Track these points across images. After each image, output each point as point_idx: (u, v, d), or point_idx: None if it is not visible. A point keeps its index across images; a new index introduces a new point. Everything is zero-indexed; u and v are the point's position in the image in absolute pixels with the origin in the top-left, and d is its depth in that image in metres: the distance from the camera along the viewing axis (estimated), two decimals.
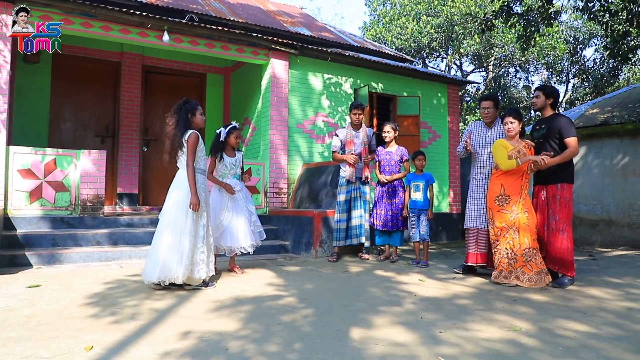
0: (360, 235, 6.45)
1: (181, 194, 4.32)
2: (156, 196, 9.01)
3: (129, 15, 6.77)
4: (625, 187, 8.77)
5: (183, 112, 4.40)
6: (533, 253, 4.72)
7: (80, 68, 8.50)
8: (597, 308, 3.85)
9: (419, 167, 6.24)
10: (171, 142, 4.35)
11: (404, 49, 21.34)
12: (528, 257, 4.71)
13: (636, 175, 8.65)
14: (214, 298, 4.03)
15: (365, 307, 3.81)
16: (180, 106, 4.44)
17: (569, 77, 23.71)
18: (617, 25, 10.13)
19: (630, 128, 8.75)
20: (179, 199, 4.31)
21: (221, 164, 5.17)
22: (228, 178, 5.20)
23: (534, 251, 4.72)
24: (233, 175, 5.26)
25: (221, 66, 9.86)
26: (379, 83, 9.43)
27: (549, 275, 4.73)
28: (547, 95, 5.11)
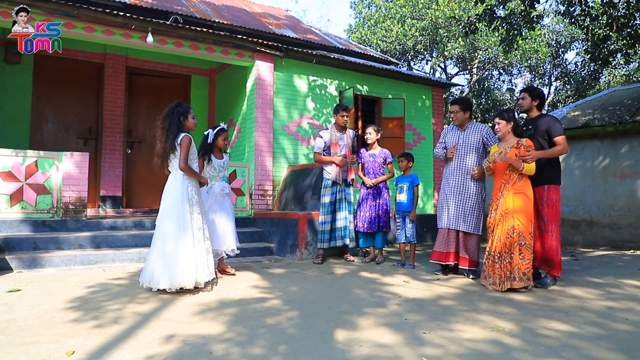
0: (345, 237, 6.45)
1: (170, 202, 4.32)
2: (140, 199, 8.93)
3: (112, 16, 6.71)
4: (606, 188, 8.90)
5: (175, 115, 4.39)
6: (500, 257, 4.60)
7: (62, 69, 8.40)
8: (579, 308, 3.90)
9: (402, 168, 6.27)
10: (163, 146, 4.34)
11: (389, 51, 21.43)
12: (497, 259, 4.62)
13: (616, 177, 8.79)
14: (198, 301, 4.00)
15: (350, 308, 3.81)
16: (172, 109, 4.43)
17: (551, 79, 24.02)
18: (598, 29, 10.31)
19: (610, 130, 8.89)
20: (169, 207, 4.31)
21: (209, 166, 5.15)
22: (217, 180, 5.19)
23: (502, 255, 4.60)
24: (222, 177, 5.26)
25: (206, 68, 9.81)
26: (364, 85, 9.45)
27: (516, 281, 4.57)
28: (533, 97, 5.16)
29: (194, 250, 4.26)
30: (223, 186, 5.19)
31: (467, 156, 5.39)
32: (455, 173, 5.42)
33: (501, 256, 4.61)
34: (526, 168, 4.66)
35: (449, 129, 5.68)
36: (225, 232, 5.10)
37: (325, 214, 6.41)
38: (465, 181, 5.37)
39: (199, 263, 4.29)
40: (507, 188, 4.71)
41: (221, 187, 5.16)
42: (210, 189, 5.11)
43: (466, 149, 5.39)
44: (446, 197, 5.44)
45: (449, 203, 5.40)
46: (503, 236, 4.63)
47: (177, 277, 4.15)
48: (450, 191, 5.42)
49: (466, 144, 5.40)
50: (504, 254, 4.60)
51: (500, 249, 4.62)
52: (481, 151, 5.44)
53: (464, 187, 5.37)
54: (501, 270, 4.59)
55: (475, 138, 5.40)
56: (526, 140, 4.80)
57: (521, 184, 4.69)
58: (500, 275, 4.59)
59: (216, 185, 5.18)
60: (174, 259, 4.16)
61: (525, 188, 4.70)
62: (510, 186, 4.70)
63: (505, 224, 4.64)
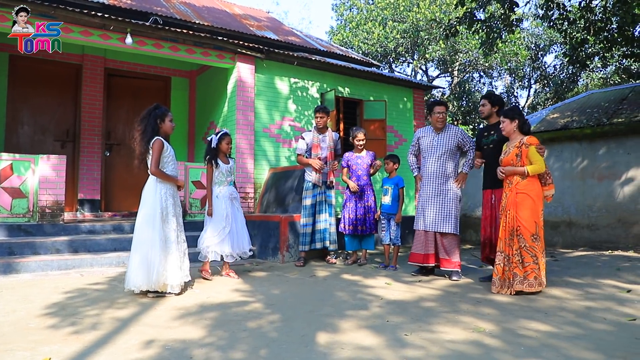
0: (326, 240, 6.45)
1: (144, 206, 4.36)
2: (119, 202, 8.82)
3: (90, 17, 6.63)
4: (584, 189, 9.04)
5: (152, 118, 4.40)
6: (509, 259, 4.57)
7: (39, 70, 8.27)
8: (558, 308, 3.95)
9: (388, 170, 6.30)
10: (139, 148, 4.37)
11: (371, 53, 21.54)
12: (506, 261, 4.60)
13: (594, 178, 8.94)
14: (178, 305, 3.97)
15: (331, 311, 3.81)
16: (150, 111, 4.44)
17: (530, 82, 24.38)
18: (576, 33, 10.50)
19: (588, 132, 9.04)
20: (143, 211, 4.35)
21: (217, 171, 5.25)
22: (225, 185, 5.28)
23: (510, 257, 4.57)
24: (229, 182, 5.34)
25: (186, 69, 9.75)
26: (345, 87, 9.48)
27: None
28: (493, 104, 5.36)
29: (166, 253, 4.27)
30: (231, 191, 5.31)
31: (444, 159, 5.45)
32: (433, 176, 5.48)
33: (509, 259, 4.55)
34: (532, 169, 4.55)
35: (422, 132, 5.72)
36: (236, 235, 5.23)
37: (306, 217, 6.41)
38: (444, 184, 5.43)
39: (173, 266, 4.29)
40: (511, 188, 4.63)
41: (230, 192, 5.28)
42: (219, 194, 5.23)
43: (443, 152, 5.45)
44: (426, 200, 5.49)
45: (429, 206, 5.45)
46: (508, 238, 4.59)
47: (152, 279, 4.17)
48: (429, 194, 5.47)
49: (443, 147, 5.46)
50: (511, 256, 4.54)
51: (508, 251, 4.57)
52: (457, 154, 5.55)
53: (444, 190, 5.43)
54: (510, 274, 4.53)
55: (451, 141, 5.47)
56: (528, 138, 4.67)
57: (524, 184, 4.57)
58: (509, 278, 4.53)
59: (225, 190, 5.27)
60: (148, 262, 4.18)
61: (530, 188, 4.57)
62: (514, 186, 4.62)
63: (508, 226, 4.60)
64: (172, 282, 4.28)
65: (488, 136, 5.23)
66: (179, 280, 4.32)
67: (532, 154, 4.60)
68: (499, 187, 5.00)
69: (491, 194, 5.16)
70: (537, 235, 4.53)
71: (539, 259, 4.51)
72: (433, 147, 5.51)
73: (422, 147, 5.65)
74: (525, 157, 4.61)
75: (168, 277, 4.25)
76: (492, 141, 5.14)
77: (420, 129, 5.82)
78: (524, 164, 4.61)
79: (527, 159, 4.61)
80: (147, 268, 4.18)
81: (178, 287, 4.34)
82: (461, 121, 23.33)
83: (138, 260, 4.20)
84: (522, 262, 4.49)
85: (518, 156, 4.64)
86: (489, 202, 5.19)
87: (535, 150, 4.61)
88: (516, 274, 4.48)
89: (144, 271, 4.17)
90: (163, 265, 4.23)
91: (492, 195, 5.14)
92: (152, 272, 4.18)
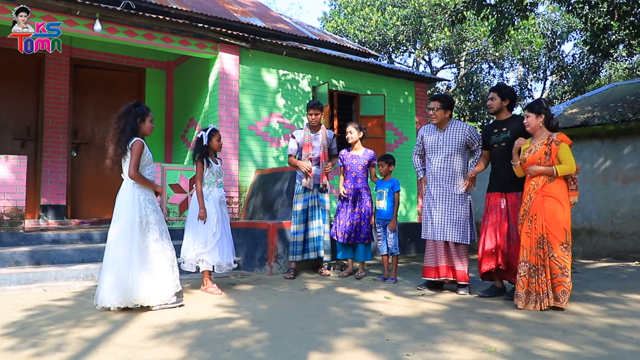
0: (319, 249, 6.46)
1: (120, 213, 4.39)
2: (87, 208, 8.78)
3: (53, 0, 6.60)
4: (607, 193, 9.08)
5: (132, 116, 4.45)
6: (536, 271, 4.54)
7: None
8: (578, 325, 3.96)
9: (383, 172, 6.31)
10: (114, 148, 4.39)
11: (368, 42, 21.61)
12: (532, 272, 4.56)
13: (618, 180, 8.96)
14: (154, 323, 3.95)
15: (325, 328, 3.81)
16: (129, 109, 4.48)
17: (546, 74, 24.48)
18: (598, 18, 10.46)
19: (611, 129, 9.06)
20: (119, 219, 4.38)
21: (208, 170, 5.30)
22: (215, 186, 5.33)
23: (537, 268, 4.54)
24: (219, 184, 5.39)
25: (163, 60, 9.74)
26: (340, 80, 9.50)
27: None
28: (503, 97, 5.29)
29: (146, 268, 4.30)
30: (221, 194, 5.37)
31: (450, 158, 5.45)
32: (439, 178, 5.47)
33: (537, 270, 4.52)
34: (561, 169, 4.54)
35: (425, 130, 5.72)
36: (226, 244, 5.28)
37: (297, 223, 6.42)
38: (451, 186, 5.42)
39: (159, 279, 4.33)
40: (537, 191, 4.61)
41: (220, 194, 5.33)
42: (209, 196, 5.25)
43: (449, 151, 5.45)
44: (432, 205, 5.50)
45: (434, 211, 5.46)
46: (535, 246, 4.55)
47: (132, 294, 4.20)
48: (435, 198, 5.47)
49: (448, 146, 5.46)
50: (539, 267, 4.51)
51: (534, 261, 4.53)
52: (465, 153, 5.53)
53: (451, 193, 5.42)
54: (538, 287, 4.49)
55: (457, 139, 5.45)
56: (558, 134, 4.67)
57: (552, 186, 4.57)
58: (538, 292, 4.49)
59: (215, 192, 5.31)
60: (124, 284, 4.22)
61: (558, 191, 4.57)
62: (540, 188, 4.60)
63: (534, 233, 4.57)
64: (161, 296, 4.34)
65: (499, 133, 5.20)
66: (168, 293, 4.38)
67: (564, 152, 4.59)
68: (514, 191, 4.99)
69: (500, 198, 5.14)
70: (566, 244, 4.53)
71: (568, 270, 4.50)
72: (438, 146, 5.51)
73: (426, 147, 5.66)
74: (555, 155, 4.60)
75: (152, 293, 4.29)
76: (504, 139, 5.12)
77: (424, 126, 5.82)
78: (553, 163, 4.60)
79: (557, 158, 4.60)
80: (123, 289, 4.22)
81: (172, 298, 4.42)
82: (469, 117, 23.41)
83: (112, 280, 4.22)
84: (550, 273, 4.49)
85: (547, 154, 4.61)
86: (497, 206, 5.13)
87: (567, 149, 4.61)
88: (544, 287, 4.48)
89: (119, 291, 4.20)
90: (141, 283, 4.25)
91: (503, 200, 5.13)
92: (129, 293, 4.22)
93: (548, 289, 4.47)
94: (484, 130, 5.55)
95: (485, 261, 5.12)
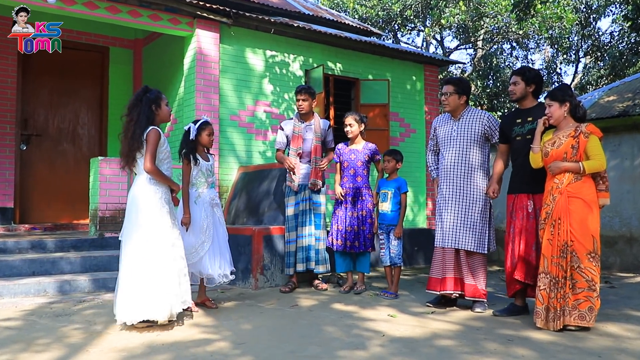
0: (310, 260, 6.46)
1: (137, 214, 4.50)
2: (40, 211, 8.75)
3: None
4: None
5: (145, 104, 4.57)
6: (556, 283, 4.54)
7: None
8: (616, 350, 3.97)
9: (388, 170, 6.30)
10: (128, 142, 4.50)
11: (370, 19, 21.62)
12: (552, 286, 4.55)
13: None
14: (118, 346, 3.94)
15: (319, 352, 3.81)
16: (139, 97, 4.61)
17: (579, 55, 24.46)
18: None
19: None
20: (136, 220, 4.48)
21: (196, 169, 5.33)
22: (205, 187, 5.38)
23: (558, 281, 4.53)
24: (210, 184, 5.43)
25: (130, 38, 9.72)
26: (337, 63, 9.50)
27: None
28: (528, 81, 5.25)
29: (166, 273, 4.43)
30: (213, 195, 5.40)
31: (466, 151, 5.43)
32: (452, 174, 5.46)
33: (557, 282, 4.50)
34: (589, 166, 4.53)
35: (440, 120, 5.75)
36: (219, 253, 5.31)
37: (289, 230, 6.44)
38: (467, 185, 5.41)
39: (173, 290, 4.44)
40: (561, 190, 4.59)
41: (211, 196, 5.37)
42: (198, 199, 5.29)
43: (465, 143, 5.44)
44: (442, 207, 5.50)
45: (445, 214, 5.45)
46: (557, 255, 4.54)
47: (147, 308, 4.29)
48: (446, 198, 5.46)
49: (464, 137, 5.45)
50: (560, 279, 4.50)
51: (556, 273, 4.53)
52: (485, 146, 5.52)
53: (467, 193, 5.41)
54: (557, 302, 4.48)
55: (474, 128, 5.45)
56: (587, 125, 4.66)
57: (579, 186, 4.57)
58: (556, 308, 4.48)
59: (205, 194, 5.36)
60: (145, 286, 4.33)
61: (585, 191, 4.57)
62: (564, 188, 4.59)
63: (557, 240, 4.56)
64: (174, 311, 4.46)
65: (523, 124, 5.15)
66: (179, 307, 4.52)
67: (593, 146, 4.58)
68: (541, 192, 4.90)
69: (527, 200, 5.10)
70: (594, 253, 4.52)
71: (596, 284, 4.50)
72: (452, 137, 5.50)
73: (439, 139, 5.67)
74: (583, 150, 4.59)
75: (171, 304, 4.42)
76: (529, 131, 5.09)
77: (438, 117, 5.82)
78: (581, 159, 4.60)
79: (585, 153, 4.59)
80: (164, 296, 4.35)
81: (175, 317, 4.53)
82: (487, 106, 23.43)
83: (151, 289, 4.33)
84: (573, 286, 4.48)
85: (574, 148, 4.60)
86: (523, 209, 5.09)
87: (597, 142, 4.60)
88: (566, 303, 4.47)
89: (158, 301, 4.32)
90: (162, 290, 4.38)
91: (530, 202, 5.08)
92: (170, 300, 4.37)
93: (568, 304, 4.45)
94: (503, 120, 5.50)
95: (519, 275, 5.02)
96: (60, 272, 6.20)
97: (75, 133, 9.29)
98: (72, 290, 5.86)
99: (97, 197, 7.00)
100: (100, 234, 6.97)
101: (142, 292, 4.31)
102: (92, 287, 5.98)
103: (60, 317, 4.79)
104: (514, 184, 5.28)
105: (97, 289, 5.99)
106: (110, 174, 7.03)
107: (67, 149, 9.19)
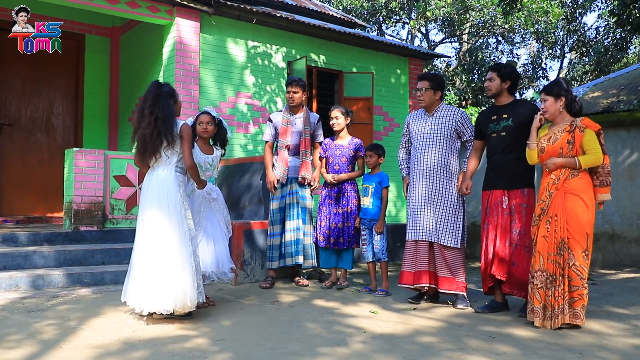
0: (297, 254, 6.46)
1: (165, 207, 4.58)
2: (11, 203, 8.67)
3: None
4: (632, 191, 9.15)
5: (165, 98, 4.63)
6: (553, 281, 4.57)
7: None
8: (597, 346, 4.02)
9: (371, 165, 6.32)
10: (156, 140, 4.55)
11: (354, 10, 21.62)
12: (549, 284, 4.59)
13: None
14: (94, 342, 3.93)
15: (299, 348, 3.83)
16: (157, 93, 4.64)
17: (564, 50, 24.68)
18: None
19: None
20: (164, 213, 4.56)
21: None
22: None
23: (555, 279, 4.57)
24: (208, 178, 5.39)
25: (107, 25, 9.65)
26: (320, 55, 9.50)
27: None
28: (504, 78, 5.29)
29: (189, 264, 4.55)
30: (210, 188, 5.32)
31: (439, 149, 5.49)
32: (427, 171, 5.52)
33: (554, 280, 4.53)
34: (585, 160, 4.54)
35: (412, 116, 5.82)
36: (214, 249, 5.31)
37: (273, 224, 6.43)
38: (442, 182, 5.48)
39: (193, 281, 4.55)
40: (558, 186, 4.60)
41: (207, 190, 5.30)
42: (192, 193, 5.27)
43: (438, 140, 5.51)
44: (418, 204, 5.55)
45: (422, 210, 5.50)
46: (554, 252, 4.58)
47: (177, 298, 4.42)
48: (422, 196, 5.52)
49: (437, 133, 5.52)
50: (557, 277, 4.52)
51: (552, 270, 4.55)
52: (457, 143, 5.60)
53: (442, 190, 5.48)
54: (554, 300, 4.51)
55: (447, 124, 5.52)
56: (583, 119, 4.67)
57: (575, 182, 4.58)
58: (554, 307, 4.50)
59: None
60: (172, 276, 4.44)
61: (582, 188, 4.58)
62: (561, 184, 4.60)
63: (554, 237, 4.59)
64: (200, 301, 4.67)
65: (498, 120, 5.20)
66: (200, 298, 4.66)
67: (589, 140, 4.59)
68: (518, 187, 5.02)
69: (502, 196, 5.14)
70: (587, 250, 4.56)
71: (586, 281, 4.55)
72: (425, 133, 5.57)
73: (412, 135, 5.73)
74: (579, 144, 4.61)
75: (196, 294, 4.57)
76: (505, 128, 5.14)
77: (412, 113, 5.89)
78: (578, 153, 4.61)
79: (581, 148, 4.60)
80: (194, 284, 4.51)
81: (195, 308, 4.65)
82: (471, 100, 23.53)
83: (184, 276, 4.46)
84: (569, 284, 4.52)
85: (570, 143, 4.62)
86: (498, 205, 5.15)
87: (594, 136, 4.61)
88: (564, 301, 4.51)
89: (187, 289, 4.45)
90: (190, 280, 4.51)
91: (504, 198, 5.14)
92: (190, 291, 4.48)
93: (565, 303, 4.50)
94: (479, 117, 5.53)
95: (495, 271, 5.09)
96: (33, 267, 6.14)
97: (49, 123, 9.20)
98: (45, 285, 5.81)
99: (72, 190, 6.93)
100: (75, 227, 6.91)
101: (167, 281, 4.40)
102: (66, 282, 5.93)
103: (33, 313, 4.75)
104: (488, 181, 5.33)
105: (71, 284, 5.94)
106: (86, 166, 6.97)
107: (41, 139, 9.10)
